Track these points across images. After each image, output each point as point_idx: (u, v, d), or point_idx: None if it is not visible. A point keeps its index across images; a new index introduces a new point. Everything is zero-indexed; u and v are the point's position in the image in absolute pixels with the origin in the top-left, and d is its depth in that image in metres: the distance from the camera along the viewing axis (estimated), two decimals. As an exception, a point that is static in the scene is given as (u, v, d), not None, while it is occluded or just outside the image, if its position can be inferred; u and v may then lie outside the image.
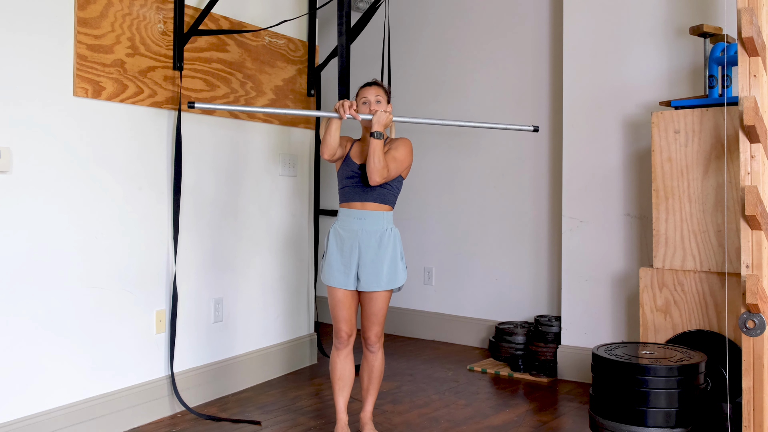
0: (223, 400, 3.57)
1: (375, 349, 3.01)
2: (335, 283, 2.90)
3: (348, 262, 2.90)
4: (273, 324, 4.01)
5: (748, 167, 2.58)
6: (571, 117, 4.06)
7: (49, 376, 2.85)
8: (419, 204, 5.04)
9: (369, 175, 2.82)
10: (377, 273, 2.89)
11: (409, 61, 5.12)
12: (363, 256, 2.89)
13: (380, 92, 2.97)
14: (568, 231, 4.05)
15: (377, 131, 2.82)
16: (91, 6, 2.95)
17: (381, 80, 3.43)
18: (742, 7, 2.47)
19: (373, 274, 2.89)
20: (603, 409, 2.68)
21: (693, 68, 3.68)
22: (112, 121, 3.08)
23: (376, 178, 2.81)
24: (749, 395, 2.56)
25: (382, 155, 2.82)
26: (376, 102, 2.95)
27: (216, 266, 3.63)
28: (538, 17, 4.56)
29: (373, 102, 2.95)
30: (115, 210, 3.10)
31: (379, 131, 2.82)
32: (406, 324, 5.11)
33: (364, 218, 2.90)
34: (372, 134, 2.83)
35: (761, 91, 2.56)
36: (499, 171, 4.72)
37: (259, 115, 3.84)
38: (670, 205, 3.26)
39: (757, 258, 2.55)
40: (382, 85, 3.02)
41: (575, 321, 4.03)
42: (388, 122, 2.87)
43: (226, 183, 3.69)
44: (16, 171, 2.72)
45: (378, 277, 2.89)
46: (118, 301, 3.12)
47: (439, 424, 3.28)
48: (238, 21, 3.71)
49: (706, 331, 3.10)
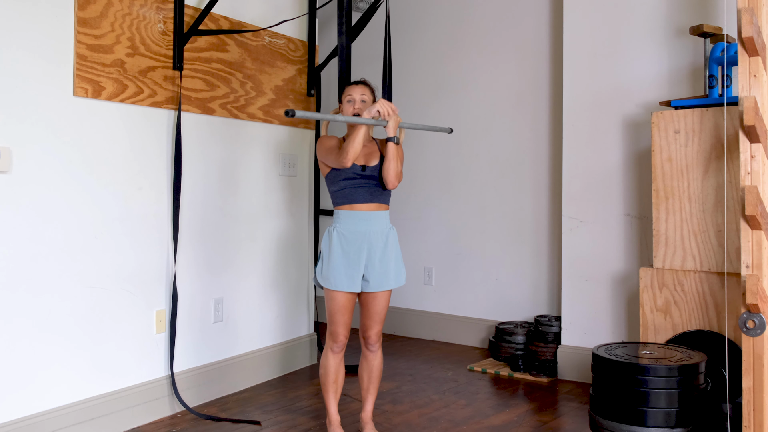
0: (223, 400, 3.57)
1: (375, 348, 3.02)
2: (341, 287, 2.88)
3: (355, 264, 2.88)
4: (273, 324, 4.01)
5: (748, 167, 2.58)
6: (571, 117, 4.06)
7: (49, 376, 2.85)
8: (419, 204, 5.03)
9: (387, 179, 2.88)
10: (385, 272, 2.92)
11: (410, 60, 5.12)
12: (372, 257, 2.90)
13: (366, 91, 2.98)
14: (568, 231, 4.05)
15: (396, 137, 2.89)
16: (91, 6, 2.95)
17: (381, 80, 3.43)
18: (742, 7, 2.47)
19: (382, 274, 2.91)
20: (603, 409, 2.68)
21: (693, 68, 3.68)
22: (112, 121, 3.08)
23: (395, 182, 2.91)
24: (749, 395, 2.56)
25: (398, 159, 2.90)
26: (362, 101, 2.95)
27: (216, 266, 3.63)
28: (538, 17, 4.56)
29: (358, 101, 2.95)
30: (115, 210, 3.10)
31: (397, 136, 2.89)
32: (406, 324, 5.11)
33: (370, 219, 2.90)
34: (391, 139, 2.87)
35: (761, 91, 2.56)
36: (499, 171, 4.72)
37: (259, 114, 3.84)
38: (670, 205, 3.26)
39: (757, 258, 2.55)
40: (369, 84, 3.02)
41: (575, 321, 4.03)
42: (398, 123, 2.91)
43: (226, 183, 3.69)
44: (16, 171, 2.72)
45: (386, 275, 2.93)
46: (118, 301, 3.12)
47: (439, 424, 3.28)
48: (238, 21, 3.71)
49: (706, 331, 3.10)
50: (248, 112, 3.79)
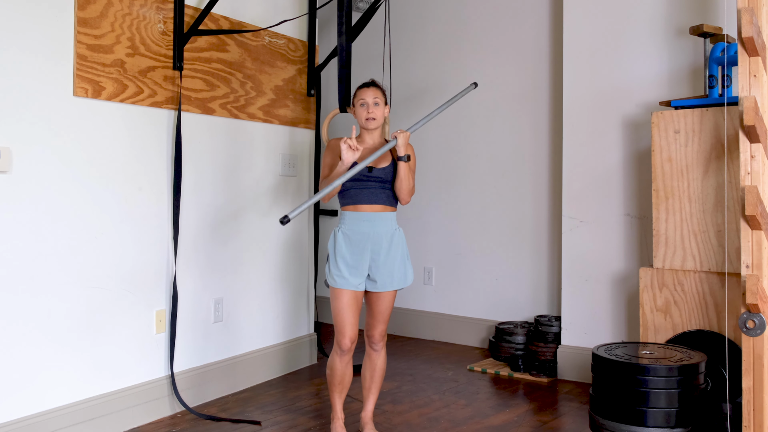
0: (223, 400, 3.57)
1: (379, 347, 3.02)
2: (347, 285, 2.89)
3: (359, 264, 2.90)
4: (273, 324, 4.01)
5: (748, 167, 2.58)
6: (571, 117, 4.06)
7: (49, 376, 2.85)
8: (419, 204, 5.03)
9: (401, 197, 2.94)
10: (390, 273, 2.93)
11: (410, 60, 5.12)
12: (375, 258, 2.91)
13: (378, 94, 2.96)
14: (568, 231, 4.05)
15: (407, 155, 2.91)
16: (91, 6, 2.95)
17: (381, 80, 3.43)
18: (742, 7, 2.47)
19: (386, 275, 2.92)
20: (603, 409, 2.68)
21: (693, 68, 3.68)
22: (111, 121, 3.08)
23: (408, 198, 2.96)
24: (749, 395, 2.56)
25: (411, 176, 2.93)
26: (374, 104, 2.93)
27: (216, 266, 3.63)
28: (538, 17, 4.56)
29: (371, 104, 2.93)
30: (115, 210, 3.10)
31: (408, 154, 2.92)
32: (406, 324, 5.11)
33: (373, 220, 2.91)
34: (401, 158, 2.89)
35: (761, 91, 2.56)
36: (499, 171, 4.72)
37: (259, 114, 3.84)
38: (670, 205, 3.26)
39: (757, 258, 2.55)
40: (380, 86, 3.00)
41: (575, 321, 4.03)
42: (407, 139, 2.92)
43: (226, 183, 3.69)
44: (16, 171, 2.72)
45: (391, 276, 2.93)
46: (118, 301, 3.12)
47: (439, 424, 3.28)
48: (238, 21, 3.71)
49: (706, 331, 3.10)
50: (248, 112, 3.79)
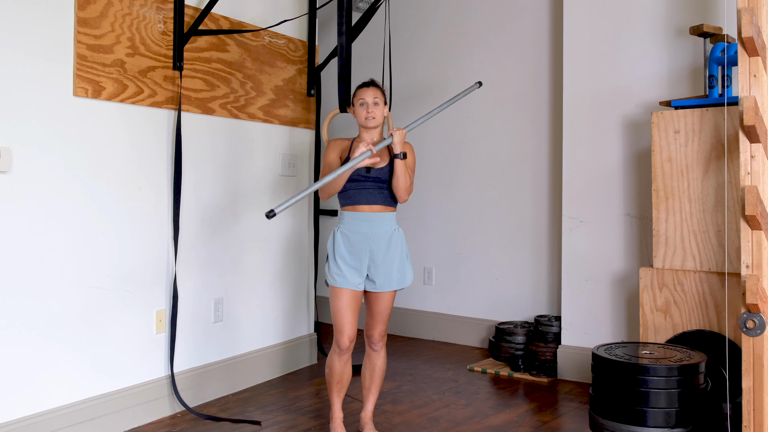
0: (223, 400, 3.58)
1: (378, 347, 3.02)
2: (346, 284, 2.89)
3: (358, 264, 2.90)
4: (273, 324, 4.01)
5: (748, 167, 2.58)
6: (571, 117, 4.06)
7: (49, 376, 2.85)
8: (419, 204, 5.03)
9: (398, 195, 2.93)
10: (388, 273, 2.93)
11: (410, 60, 5.12)
12: (374, 258, 2.91)
13: (378, 93, 2.96)
14: (568, 231, 4.05)
15: (403, 152, 2.90)
16: (91, 6, 2.95)
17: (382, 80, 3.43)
18: (742, 7, 2.47)
19: (385, 275, 2.92)
20: (603, 409, 2.68)
21: (693, 68, 3.68)
22: (111, 121, 3.08)
23: (405, 196, 2.95)
24: (749, 395, 2.56)
25: (407, 174, 2.92)
26: (374, 104, 2.93)
27: (216, 266, 3.63)
28: (538, 17, 4.56)
29: (371, 104, 2.93)
30: (115, 210, 3.10)
31: (404, 151, 2.90)
32: (406, 324, 5.11)
33: (372, 220, 2.91)
34: (397, 156, 2.88)
35: (761, 91, 2.56)
36: (499, 171, 4.72)
37: (259, 114, 3.84)
38: (670, 205, 3.26)
39: (757, 258, 2.55)
40: (380, 86, 3.00)
41: (575, 321, 4.03)
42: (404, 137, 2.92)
43: (226, 183, 3.69)
44: (16, 171, 2.72)
45: (389, 277, 2.93)
46: (118, 301, 3.12)
47: (439, 424, 3.28)
48: (238, 21, 3.71)
49: (706, 331, 3.10)
50: (248, 112, 3.79)
